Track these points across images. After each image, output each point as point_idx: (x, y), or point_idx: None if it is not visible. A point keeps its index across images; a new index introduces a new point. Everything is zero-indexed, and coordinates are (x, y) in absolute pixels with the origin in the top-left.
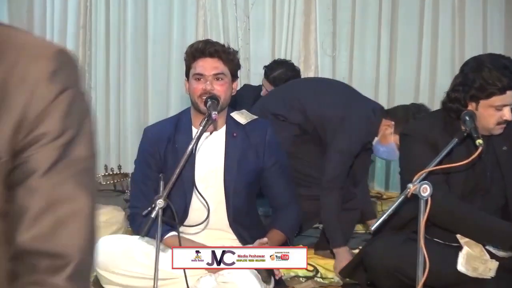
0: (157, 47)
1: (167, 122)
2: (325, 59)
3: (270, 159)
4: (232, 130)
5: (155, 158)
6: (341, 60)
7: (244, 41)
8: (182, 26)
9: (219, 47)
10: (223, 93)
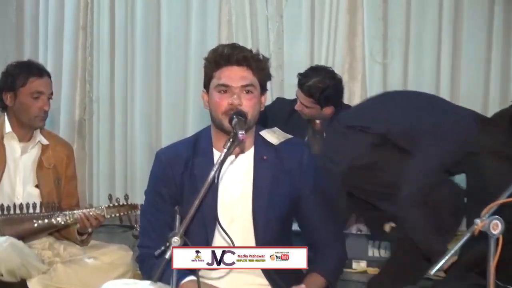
0: (171, 53)
1: (184, 144)
2: (374, 66)
3: (307, 186)
4: (261, 152)
5: (170, 187)
6: (394, 68)
7: (277, 45)
8: (202, 27)
9: (248, 53)
10: (252, 109)
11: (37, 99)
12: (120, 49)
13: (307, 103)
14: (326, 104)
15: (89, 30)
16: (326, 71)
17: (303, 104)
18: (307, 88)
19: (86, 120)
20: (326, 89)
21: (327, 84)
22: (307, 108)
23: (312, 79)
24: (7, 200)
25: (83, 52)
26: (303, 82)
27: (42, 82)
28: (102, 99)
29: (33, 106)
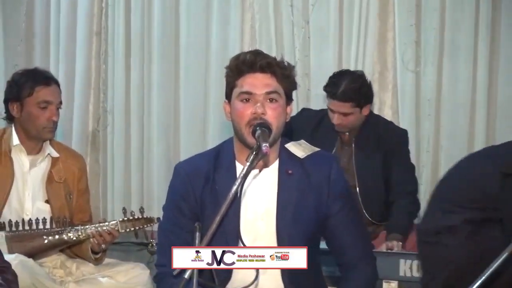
0: (191, 61)
1: (204, 157)
2: (407, 75)
3: (336, 203)
4: (286, 165)
5: (189, 202)
6: (427, 76)
7: (303, 52)
8: (223, 33)
9: (272, 60)
10: (276, 119)
11: (45, 109)
12: (136, 57)
13: (347, 109)
14: (365, 103)
15: (103, 36)
16: (350, 71)
17: (342, 114)
18: (342, 94)
19: (100, 132)
20: (362, 87)
21: (360, 82)
22: (347, 116)
23: (342, 83)
24: (16, 217)
25: (97, 59)
26: (335, 91)
27: (49, 91)
28: (117, 109)
29: (41, 117)
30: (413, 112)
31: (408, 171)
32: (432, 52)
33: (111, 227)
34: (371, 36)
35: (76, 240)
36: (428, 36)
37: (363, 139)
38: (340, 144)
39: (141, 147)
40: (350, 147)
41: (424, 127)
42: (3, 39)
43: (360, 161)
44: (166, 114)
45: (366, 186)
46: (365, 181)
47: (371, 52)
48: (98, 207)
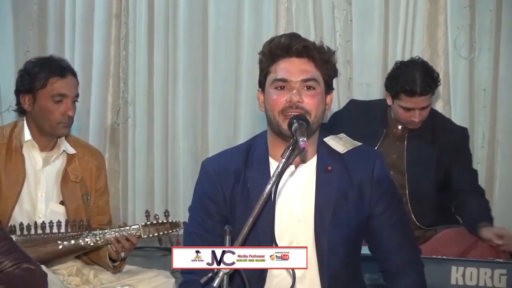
0: (220, 46)
1: (234, 152)
2: (459, 62)
3: (380, 204)
4: (325, 162)
5: (218, 203)
6: (482, 64)
7: (344, 37)
8: (256, 16)
9: (310, 44)
10: (314, 108)
11: (60, 102)
12: (159, 42)
13: (428, 102)
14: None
15: (124, 19)
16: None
17: (423, 109)
18: (423, 87)
19: (120, 125)
20: (433, 72)
21: (428, 67)
22: (426, 109)
23: (417, 77)
24: (27, 219)
25: (116, 45)
26: (415, 88)
27: (65, 83)
28: (138, 101)
29: (55, 111)
30: (467, 104)
31: (473, 175)
32: (488, 36)
33: (133, 232)
34: (420, 19)
35: (94, 246)
36: (483, 19)
37: (419, 132)
38: (390, 138)
39: (165, 142)
40: (402, 143)
41: (478, 120)
42: (13, 22)
43: (413, 159)
44: (193, 106)
45: (417, 187)
46: (417, 181)
47: (420, 37)
48: (118, 207)
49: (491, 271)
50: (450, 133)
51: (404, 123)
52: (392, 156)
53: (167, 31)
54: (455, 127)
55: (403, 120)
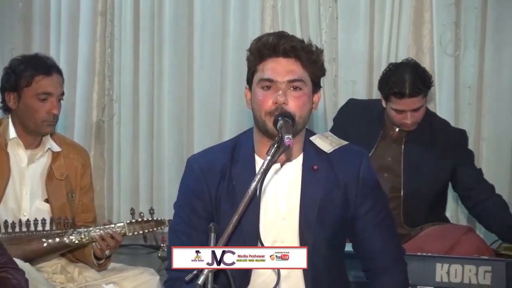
0: (206, 43)
1: (220, 149)
2: (445, 59)
3: (365, 203)
4: (311, 160)
5: (204, 200)
6: (468, 61)
7: (330, 35)
8: (242, 13)
9: (298, 43)
10: (299, 109)
11: (45, 101)
12: (145, 39)
13: (419, 103)
14: (430, 88)
15: (109, 16)
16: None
17: (414, 111)
18: (412, 89)
19: (105, 122)
20: (423, 73)
21: (419, 68)
22: (418, 111)
23: (406, 78)
24: (12, 217)
25: (101, 42)
26: (403, 89)
27: (50, 81)
28: (124, 98)
29: (40, 110)
30: (452, 101)
31: (480, 173)
32: (474, 34)
33: (118, 230)
34: (405, 16)
35: (79, 243)
36: (469, 16)
37: (417, 135)
38: (387, 140)
39: (151, 140)
40: (399, 145)
41: (464, 118)
42: None
43: (411, 162)
44: (178, 103)
45: (413, 191)
46: (414, 185)
47: (406, 35)
48: (103, 205)
49: (475, 268)
50: (449, 136)
51: (398, 125)
52: (387, 159)
53: (152, 29)
54: (454, 129)
55: (397, 123)
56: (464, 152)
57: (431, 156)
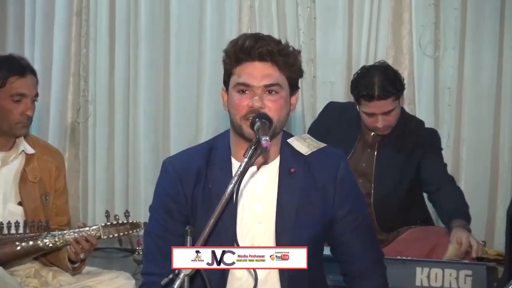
0: (182, 44)
1: (196, 151)
2: (424, 60)
3: (343, 206)
4: (288, 163)
5: (179, 203)
6: (447, 62)
7: (308, 35)
8: (219, 13)
9: (274, 46)
10: (276, 112)
11: (19, 102)
12: (121, 40)
13: (390, 106)
14: (402, 91)
15: (85, 16)
16: (370, 66)
17: (385, 114)
18: (381, 91)
19: (80, 124)
20: (395, 75)
21: (391, 71)
22: (390, 114)
23: (375, 80)
24: None
25: (77, 43)
26: (372, 92)
27: (24, 82)
28: (99, 99)
29: (14, 111)
30: (431, 103)
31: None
32: (453, 35)
33: (92, 232)
34: (384, 17)
35: (53, 247)
36: (448, 17)
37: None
38: (362, 145)
39: (126, 142)
40: (372, 150)
41: (443, 119)
42: None
43: (382, 168)
44: (154, 104)
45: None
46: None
47: (385, 35)
48: (77, 208)
49: (456, 272)
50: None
51: (371, 129)
52: (362, 164)
53: (128, 29)
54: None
55: (369, 126)
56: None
57: (399, 159)
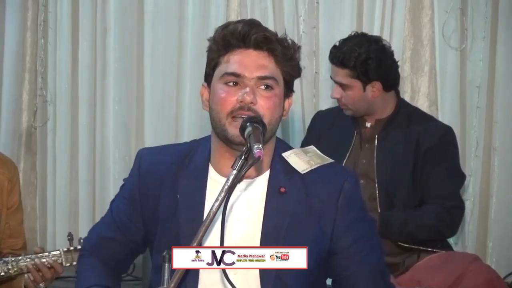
0: (159, 33)
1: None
2: (448, 54)
3: (346, 236)
4: (279, 180)
5: (147, 202)
6: (476, 55)
7: (309, 23)
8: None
9: (272, 35)
10: (269, 112)
11: None
12: (85, 28)
13: (342, 78)
14: (368, 77)
15: (42, 1)
16: (365, 35)
17: (340, 85)
18: (338, 57)
19: (37, 129)
20: (365, 53)
21: (366, 48)
22: (345, 90)
23: (346, 45)
24: None
25: (33, 32)
26: (334, 53)
27: None
28: (60, 99)
29: None
30: (457, 103)
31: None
32: (483, 23)
33: (53, 259)
34: (401, 1)
35: (5, 276)
36: (477, 1)
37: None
38: (359, 141)
39: (93, 150)
40: (372, 144)
41: (471, 124)
42: None
43: (384, 164)
44: (125, 106)
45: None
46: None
47: (401, 23)
48: (34, 229)
49: None
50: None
51: None
52: (362, 161)
53: (94, 15)
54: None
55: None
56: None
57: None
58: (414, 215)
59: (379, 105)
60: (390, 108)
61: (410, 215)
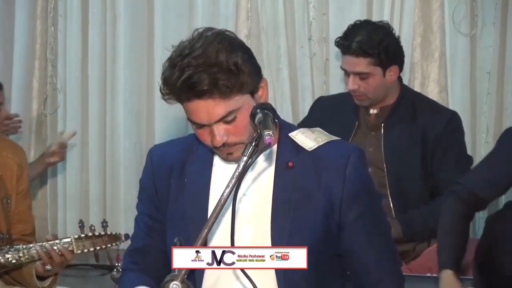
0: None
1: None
2: (458, 40)
3: (352, 209)
4: (287, 155)
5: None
6: (486, 42)
7: (320, 10)
8: None
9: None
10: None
11: None
12: (96, 16)
13: (363, 68)
14: (390, 62)
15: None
16: (371, 21)
17: (358, 76)
18: (357, 46)
19: (47, 117)
20: (385, 38)
21: (382, 32)
22: (365, 79)
23: (358, 33)
24: None
25: (43, 20)
26: (348, 43)
27: None
28: (70, 87)
29: None
30: (467, 90)
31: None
32: (493, 9)
33: (64, 246)
34: None
35: (16, 263)
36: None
37: (398, 120)
38: (364, 129)
39: (103, 138)
40: (378, 132)
41: (481, 110)
42: None
43: (393, 151)
44: (136, 93)
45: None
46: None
47: (411, 9)
48: (45, 217)
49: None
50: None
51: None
52: (368, 150)
53: (104, 2)
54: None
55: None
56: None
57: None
58: (431, 211)
59: (389, 91)
60: (395, 94)
61: (427, 213)
